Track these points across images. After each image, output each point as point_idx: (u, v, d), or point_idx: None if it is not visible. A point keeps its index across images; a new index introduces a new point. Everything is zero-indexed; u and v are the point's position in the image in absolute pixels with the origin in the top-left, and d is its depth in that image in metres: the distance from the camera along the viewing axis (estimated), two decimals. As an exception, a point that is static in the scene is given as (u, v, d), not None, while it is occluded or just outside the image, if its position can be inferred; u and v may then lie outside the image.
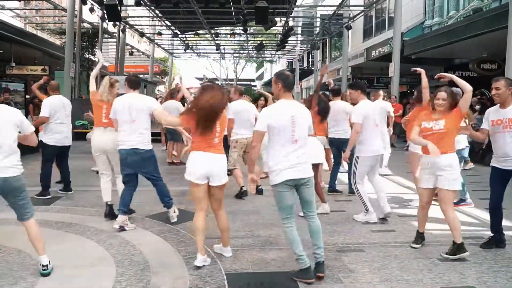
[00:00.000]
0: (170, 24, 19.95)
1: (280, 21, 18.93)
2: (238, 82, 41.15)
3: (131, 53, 25.68)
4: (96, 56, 5.61)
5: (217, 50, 25.45)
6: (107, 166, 5.02)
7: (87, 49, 18.77)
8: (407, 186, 7.16)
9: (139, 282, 3.32)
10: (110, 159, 4.97)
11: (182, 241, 4.27)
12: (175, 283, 3.32)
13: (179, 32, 20.99)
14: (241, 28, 17.92)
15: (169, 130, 9.16)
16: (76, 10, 14.94)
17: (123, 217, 4.54)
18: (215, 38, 22.20)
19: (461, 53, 13.49)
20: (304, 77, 32.31)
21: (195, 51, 29.39)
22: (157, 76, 30.29)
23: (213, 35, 21.51)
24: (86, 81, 18.73)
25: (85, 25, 18.67)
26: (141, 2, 14.36)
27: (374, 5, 17.16)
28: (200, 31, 22.41)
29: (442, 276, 3.50)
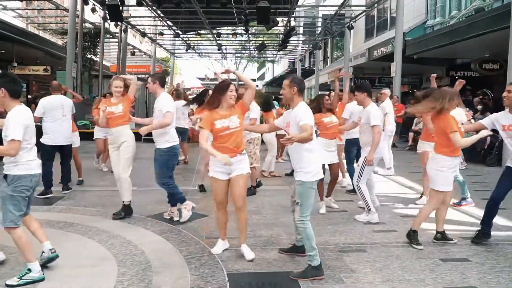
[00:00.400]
0: (171, 24, 19.94)
1: (282, 21, 18.90)
2: (239, 83, 41.14)
3: (133, 53, 25.68)
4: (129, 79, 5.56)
5: (218, 50, 25.41)
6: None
7: (89, 49, 18.80)
8: (409, 186, 7.16)
9: (141, 282, 3.33)
10: None
11: (183, 241, 4.27)
12: (177, 283, 3.32)
13: (180, 32, 20.98)
14: (242, 28, 17.88)
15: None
16: (78, 10, 14.97)
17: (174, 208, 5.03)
18: (217, 38, 22.20)
19: (463, 53, 13.46)
20: (305, 77, 32.23)
21: (196, 51, 29.38)
22: (158, 76, 30.26)
23: (215, 35, 21.51)
24: (88, 81, 18.89)
25: (87, 25, 18.69)
26: (143, 2, 14.36)
27: (376, 5, 17.13)
28: (202, 31, 22.40)
29: (444, 277, 3.49)
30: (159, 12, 17.36)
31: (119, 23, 17.14)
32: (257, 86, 54.34)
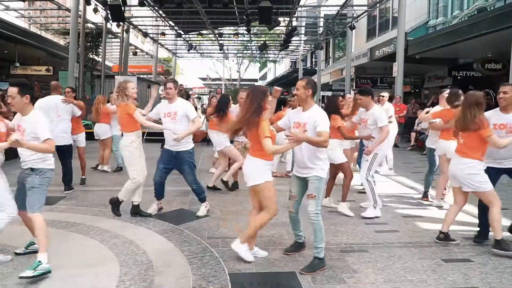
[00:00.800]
0: (173, 24, 19.98)
1: (284, 21, 18.93)
2: (241, 82, 41.15)
3: (135, 53, 25.74)
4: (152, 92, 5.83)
5: (220, 50, 25.45)
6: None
7: (91, 49, 18.86)
8: (411, 186, 7.14)
9: (143, 281, 3.33)
10: None
11: (185, 240, 4.28)
12: (179, 283, 3.32)
13: (182, 32, 21.01)
14: (244, 28, 17.90)
15: None
16: (80, 11, 15.00)
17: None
18: (219, 38, 22.22)
19: (465, 53, 13.43)
20: (307, 78, 32.19)
21: (198, 51, 29.43)
22: (160, 76, 30.35)
23: (217, 35, 21.53)
24: (90, 81, 18.93)
25: (89, 25, 18.75)
26: (145, 2, 14.40)
27: (378, 4, 17.11)
28: (204, 31, 22.44)
29: (446, 277, 3.49)
30: (161, 12, 17.40)
31: (121, 23, 17.20)
32: (258, 86, 53.95)
